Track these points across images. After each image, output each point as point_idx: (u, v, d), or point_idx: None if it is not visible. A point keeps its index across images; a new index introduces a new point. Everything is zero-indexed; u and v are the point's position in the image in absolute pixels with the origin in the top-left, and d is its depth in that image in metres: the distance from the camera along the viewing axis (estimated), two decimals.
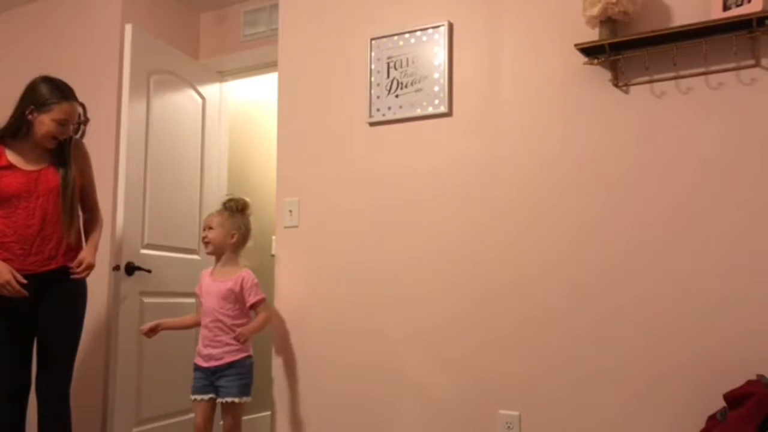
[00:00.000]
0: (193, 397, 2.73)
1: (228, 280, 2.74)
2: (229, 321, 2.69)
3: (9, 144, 2.61)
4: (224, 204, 2.87)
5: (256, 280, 2.76)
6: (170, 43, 3.71)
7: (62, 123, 2.61)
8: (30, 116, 2.58)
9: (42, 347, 2.64)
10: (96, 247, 2.77)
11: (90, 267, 2.68)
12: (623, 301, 2.30)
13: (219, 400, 2.70)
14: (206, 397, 2.71)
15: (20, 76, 2.67)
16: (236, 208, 2.84)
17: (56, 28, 3.75)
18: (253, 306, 2.74)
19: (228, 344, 2.69)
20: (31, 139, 2.61)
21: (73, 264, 2.64)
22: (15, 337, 2.58)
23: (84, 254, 2.68)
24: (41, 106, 2.57)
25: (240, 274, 2.75)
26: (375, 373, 2.71)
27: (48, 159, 2.66)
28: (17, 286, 2.49)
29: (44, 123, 2.58)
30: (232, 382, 2.66)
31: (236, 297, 2.72)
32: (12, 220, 2.55)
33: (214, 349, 2.69)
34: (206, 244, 2.82)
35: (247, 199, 2.90)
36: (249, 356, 2.74)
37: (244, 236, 2.83)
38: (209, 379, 2.70)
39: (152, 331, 2.76)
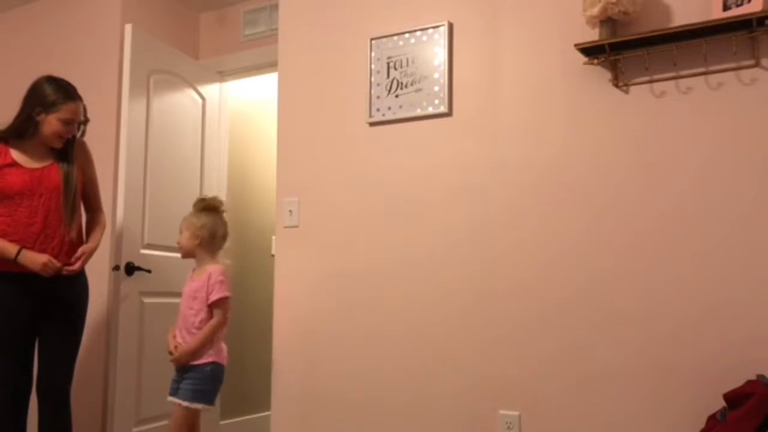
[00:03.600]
0: (168, 398, 2.67)
1: (198, 279, 2.66)
2: (196, 321, 2.61)
3: (13, 143, 2.63)
4: (193, 204, 2.78)
5: (221, 277, 2.62)
6: (170, 43, 3.71)
7: (68, 122, 2.63)
8: (37, 117, 2.60)
9: (43, 347, 2.64)
10: (96, 245, 2.77)
11: (81, 264, 2.69)
12: (623, 300, 2.30)
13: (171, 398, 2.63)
14: (174, 399, 2.63)
15: (20, 76, 2.68)
16: (201, 208, 2.73)
17: (56, 28, 3.75)
18: (213, 305, 2.60)
19: None
20: (37, 138, 2.63)
21: (73, 257, 2.66)
22: (16, 337, 2.58)
23: (82, 248, 2.69)
24: (49, 106, 2.60)
25: (208, 270, 2.65)
26: (374, 372, 2.71)
27: (51, 158, 2.68)
28: (57, 263, 2.56)
29: (51, 123, 2.60)
30: (187, 386, 2.58)
31: (204, 295, 2.62)
32: (14, 219, 2.56)
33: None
34: (180, 248, 2.74)
35: (213, 197, 2.80)
36: (211, 363, 2.60)
37: (211, 236, 2.69)
38: (178, 381, 2.65)
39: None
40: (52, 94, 2.61)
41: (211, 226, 2.70)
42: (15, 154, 2.61)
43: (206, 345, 2.59)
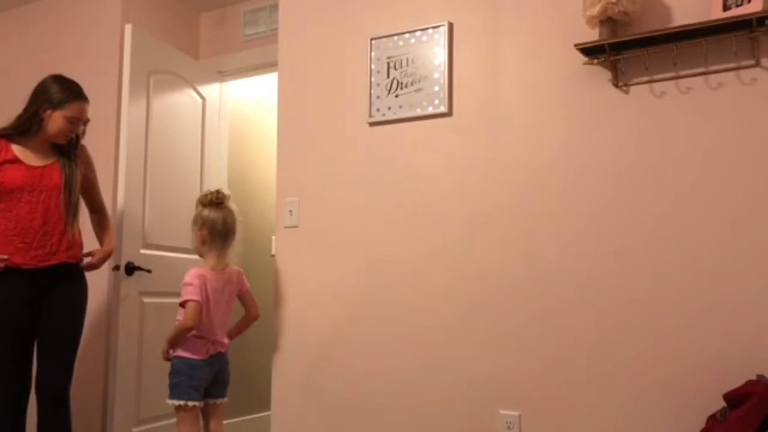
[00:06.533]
0: None
1: None
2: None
3: (17, 140, 2.65)
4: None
5: (187, 279, 2.49)
6: (170, 43, 3.71)
7: (73, 121, 2.67)
8: (43, 114, 2.63)
9: (42, 345, 2.64)
10: (114, 246, 2.95)
11: (100, 263, 2.84)
12: (623, 301, 2.30)
13: None
14: None
15: (20, 76, 2.69)
16: (200, 203, 2.63)
17: (56, 28, 3.75)
18: (180, 305, 2.51)
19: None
20: (41, 136, 2.66)
21: (95, 255, 2.80)
22: (16, 337, 2.58)
23: (106, 249, 2.86)
24: (57, 104, 2.63)
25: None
26: (374, 372, 2.71)
27: (54, 157, 2.70)
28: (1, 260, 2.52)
29: (57, 120, 2.64)
30: None
31: None
32: (14, 214, 2.58)
33: None
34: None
35: (213, 191, 2.65)
36: (176, 357, 2.54)
37: (211, 233, 2.57)
38: None
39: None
40: (60, 92, 2.65)
41: (204, 221, 2.59)
42: (17, 151, 2.63)
43: (171, 343, 2.53)
